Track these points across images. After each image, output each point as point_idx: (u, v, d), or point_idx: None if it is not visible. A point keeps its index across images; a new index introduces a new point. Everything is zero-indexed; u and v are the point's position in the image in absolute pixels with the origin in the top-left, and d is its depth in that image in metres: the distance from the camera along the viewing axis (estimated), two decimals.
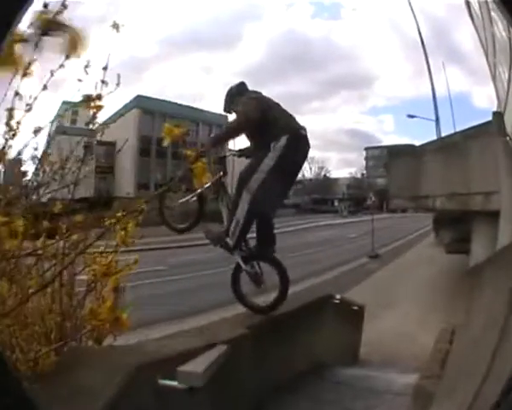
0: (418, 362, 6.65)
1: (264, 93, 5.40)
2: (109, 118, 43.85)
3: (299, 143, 5.02)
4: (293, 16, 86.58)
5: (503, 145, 6.99)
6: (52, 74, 3.01)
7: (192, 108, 47.99)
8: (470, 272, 4.42)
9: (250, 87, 5.57)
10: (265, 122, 4.96)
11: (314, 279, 15.12)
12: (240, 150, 5.68)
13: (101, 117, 3.20)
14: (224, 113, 5.71)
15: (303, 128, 5.13)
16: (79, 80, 3.04)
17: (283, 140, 4.85)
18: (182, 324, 8.91)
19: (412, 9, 27.75)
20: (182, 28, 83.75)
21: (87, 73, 3.06)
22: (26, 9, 1.68)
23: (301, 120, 5.16)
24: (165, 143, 2.60)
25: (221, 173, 5.49)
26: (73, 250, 3.10)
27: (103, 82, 3.03)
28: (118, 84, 3.13)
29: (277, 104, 5.26)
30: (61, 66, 2.93)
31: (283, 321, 5.39)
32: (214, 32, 75.78)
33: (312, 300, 6.46)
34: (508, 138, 7.32)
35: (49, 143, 3.50)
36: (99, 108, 3.05)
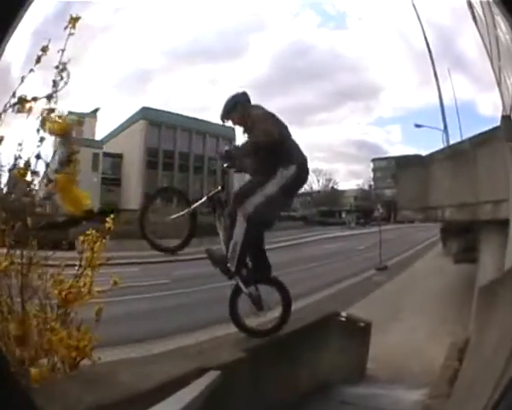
0: (426, 377, 6.45)
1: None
2: (115, 129, 44.52)
3: (304, 174, 5.00)
4: (299, 27, 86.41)
5: None
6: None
7: (198, 119, 46.94)
8: (483, 289, 4.20)
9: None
10: (279, 144, 4.78)
11: (319, 294, 14.76)
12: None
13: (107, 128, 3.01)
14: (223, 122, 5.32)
15: (307, 159, 5.03)
16: (54, 83, 2.87)
17: (292, 169, 4.76)
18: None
19: (419, 17, 27.29)
20: (187, 39, 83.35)
21: (62, 78, 2.88)
22: (26, 9, 1.67)
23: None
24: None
25: (219, 188, 5.17)
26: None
27: (54, 82, 2.83)
28: (66, 83, 2.90)
29: (287, 127, 5.08)
30: (22, 80, 2.75)
31: (286, 342, 5.18)
32: (220, 44, 75.67)
33: (317, 318, 6.23)
34: None
35: (54, 154, 3.31)
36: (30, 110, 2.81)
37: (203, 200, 5.11)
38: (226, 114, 5.25)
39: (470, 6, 16.61)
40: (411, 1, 26.59)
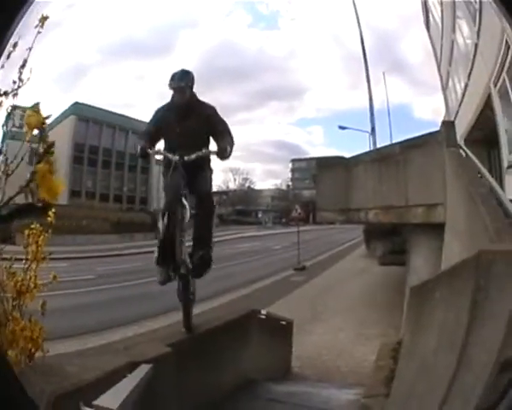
0: (356, 377, 6.48)
1: None
2: (50, 124, 43.71)
3: None
4: (229, 26, 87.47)
5: (453, 156, 6.84)
6: None
7: (123, 116, 48.29)
8: (415, 289, 4.15)
9: None
10: None
11: (236, 293, 14.71)
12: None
13: None
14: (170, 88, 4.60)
15: None
16: (14, 82, 2.76)
17: None
18: None
19: (357, 16, 27.21)
20: (120, 36, 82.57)
21: (21, 73, 2.77)
22: (26, 10, 1.66)
23: None
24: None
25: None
26: None
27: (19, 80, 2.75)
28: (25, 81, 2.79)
29: None
30: None
31: (208, 339, 5.02)
32: (151, 40, 75.85)
33: (237, 316, 6.09)
34: (459, 149, 7.22)
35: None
36: None
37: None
38: (185, 85, 4.58)
39: (426, 9, 17.11)
40: (352, 2, 26.56)
